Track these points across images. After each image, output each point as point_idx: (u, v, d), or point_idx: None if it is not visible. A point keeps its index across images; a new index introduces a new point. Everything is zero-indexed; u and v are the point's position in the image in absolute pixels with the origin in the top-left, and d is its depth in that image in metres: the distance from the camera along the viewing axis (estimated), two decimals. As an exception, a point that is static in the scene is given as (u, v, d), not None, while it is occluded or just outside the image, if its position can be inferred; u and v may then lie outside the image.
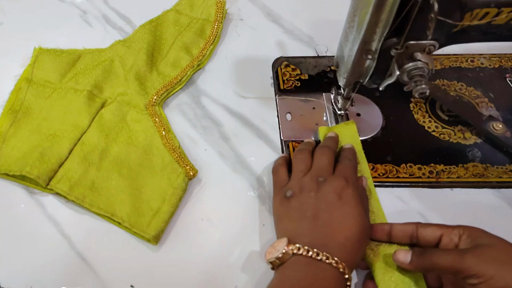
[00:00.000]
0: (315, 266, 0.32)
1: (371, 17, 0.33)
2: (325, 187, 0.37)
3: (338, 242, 0.34)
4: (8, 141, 0.46)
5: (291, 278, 0.33)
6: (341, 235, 0.34)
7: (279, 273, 0.34)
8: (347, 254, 0.33)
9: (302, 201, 0.37)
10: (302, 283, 0.32)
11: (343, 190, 0.37)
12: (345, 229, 0.35)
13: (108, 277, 0.39)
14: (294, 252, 0.33)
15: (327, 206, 0.36)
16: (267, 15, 0.60)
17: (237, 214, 0.42)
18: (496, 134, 0.45)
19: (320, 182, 0.38)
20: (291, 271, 0.33)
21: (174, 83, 0.51)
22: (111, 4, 0.62)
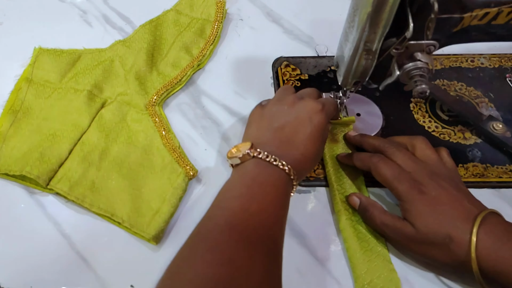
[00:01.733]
0: (271, 168, 0.35)
1: (371, 17, 0.33)
2: (300, 104, 0.40)
3: (295, 157, 0.37)
4: (8, 141, 0.46)
5: (249, 173, 0.35)
6: (299, 152, 0.37)
7: (238, 170, 0.37)
8: (299, 166, 0.37)
9: (274, 112, 0.40)
10: (257, 179, 0.35)
11: (315, 113, 0.39)
12: (304, 147, 0.37)
13: (108, 277, 0.39)
14: (254, 155, 0.36)
15: (295, 123, 0.38)
16: (267, 15, 0.60)
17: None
18: (496, 134, 0.45)
19: (298, 99, 0.40)
20: (249, 168, 0.36)
21: (174, 83, 0.51)
22: (111, 4, 0.62)
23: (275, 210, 0.34)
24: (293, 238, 0.41)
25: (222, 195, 0.35)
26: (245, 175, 0.36)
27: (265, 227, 0.32)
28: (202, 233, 0.32)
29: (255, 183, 0.35)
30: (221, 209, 0.34)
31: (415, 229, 0.36)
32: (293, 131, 0.38)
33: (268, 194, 0.34)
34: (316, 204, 0.43)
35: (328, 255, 0.40)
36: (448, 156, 0.41)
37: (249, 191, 0.34)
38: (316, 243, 0.40)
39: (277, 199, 0.34)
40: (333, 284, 0.38)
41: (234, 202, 0.33)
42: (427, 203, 0.36)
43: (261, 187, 0.34)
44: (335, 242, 0.41)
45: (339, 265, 0.39)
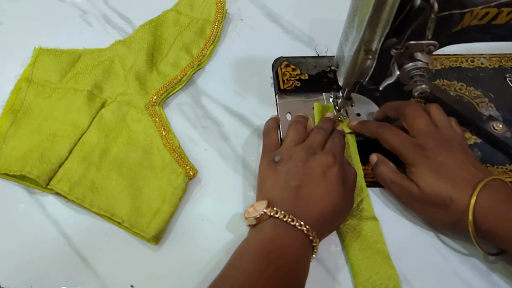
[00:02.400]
0: (289, 229, 0.35)
1: (371, 17, 0.33)
2: (314, 160, 0.39)
3: (313, 215, 0.36)
4: (8, 141, 0.45)
5: (267, 234, 0.35)
6: (317, 210, 0.37)
7: (255, 230, 0.36)
8: (319, 226, 0.36)
9: (289, 169, 0.39)
10: (275, 240, 0.34)
11: (329, 167, 0.39)
12: (322, 205, 0.37)
13: (108, 277, 0.39)
14: (271, 215, 0.35)
15: (311, 180, 0.38)
16: (267, 15, 0.60)
17: (237, 214, 0.42)
18: (496, 134, 0.45)
19: (310, 154, 0.40)
20: (267, 228, 0.35)
21: (174, 83, 0.51)
22: (111, 4, 0.62)
23: (293, 274, 0.33)
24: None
25: (238, 255, 0.34)
26: (262, 236, 0.35)
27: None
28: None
29: (272, 245, 0.34)
30: (236, 270, 0.33)
31: (420, 190, 0.38)
32: (310, 189, 0.37)
33: (286, 256, 0.33)
34: (316, 204, 0.43)
35: (328, 255, 0.40)
36: (457, 124, 0.44)
37: (266, 253, 0.33)
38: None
39: (296, 262, 0.34)
40: (333, 284, 0.38)
41: (250, 265, 0.33)
42: (431, 167, 0.38)
43: (279, 250, 0.33)
44: (335, 242, 0.41)
45: (339, 265, 0.39)
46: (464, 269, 0.39)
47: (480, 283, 0.38)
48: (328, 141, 0.42)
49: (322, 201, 0.37)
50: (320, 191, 0.37)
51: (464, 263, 0.39)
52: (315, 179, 0.38)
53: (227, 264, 0.34)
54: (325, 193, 0.37)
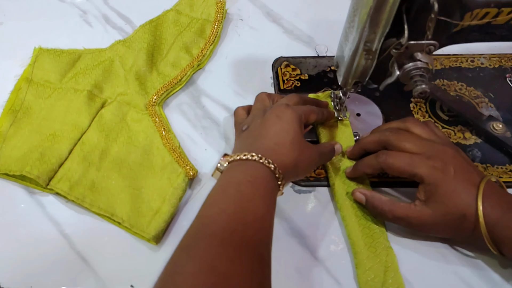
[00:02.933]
0: (243, 164, 0.35)
1: (371, 17, 0.33)
2: (268, 111, 0.40)
3: (268, 146, 0.37)
4: (8, 141, 0.46)
5: (224, 177, 0.35)
6: (272, 142, 0.37)
7: (220, 177, 0.36)
8: (275, 155, 0.36)
9: (250, 130, 0.40)
10: (232, 180, 0.34)
11: (283, 111, 0.39)
12: (277, 138, 0.37)
13: (108, 277, 0.39)
14: (229, 160, 0.36)
15: (266, 125, 0.39)
16: (267, 15, 0.60)
17: (237, 214, 0.42)
18: (496, 134, 0.45)
19: (266, 110, 0.41)
20: (224, 172, 0.36)
21: (174, 83, 0.51)
22: (111, 4, 0.62)
23: (256, 208, 0.33)
24: (293, 238, 0.41)
25: (203, 205, 0.34)
26: (220, 181, 0.35)
27: (246, 227, 0.31)
28: (182, 245, 0.31)
29: (230, 185, 0.34)
30: (199, 217, 0.33)
31: (432, 212, 0.36)
32: (265, 131, 0.38)
33: (244, 192, 0.33)
34: (316, 204, 0.43)
35: (328, 255, 0.40)
36: (437, 128, 0.42)
37: (224, 194, 0.33)
38: (316, 243, 0.40)
39: (257, 196, 0.33)
40: (333, 284, 0.38)
41: (211, 209, 0.33)
42: (448, 184, 0.36)
43: (237, 187, 0.33)
44: (335, 242, 0.41)
45: (339, 265, 0.39)
46: (464, 269, 0.39)
47: (480, 283, 0.38)
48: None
49: (276, 135, 0.37)
50: (275, 129, 0.38)
51: (464, 263, 0.39)
52: (269, 122, 0.39)
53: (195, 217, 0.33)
54: (279, 129, 0.38)
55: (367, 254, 0.38)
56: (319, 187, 0.44)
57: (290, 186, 0.44)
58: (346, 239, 0.41)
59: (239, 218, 0.31)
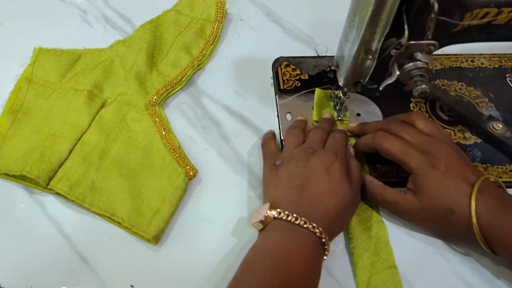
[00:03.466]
0: (295, 230, 0.34)
1: (371, 17, 0.33)
2: (314, 159, 0.39)
3: (320, 212, 0.36)
4: (8, 141, 0.45)
5: (273, 240, 0.34)
6: (323, 207, 0.36)
7: (262, 236, 0.36)
8: (327, 223, 0.35)
9: (291, 170, 0.39)
10: (282, 247, 0.33)
11: (331, 164, 0.38)
12: (328, 201, 0.36)
13: (108, 277, 0.39)
14: (275, 216, 0.35)
15: (314, 178, 0.37)
16: (267, 15, 0.60)
17: (237, 214, 0.42)
18: (496, 134, 0.45)
19: (310, 154, 0.39)
20: (273, 233, 0.35)
21: (174, 83, 0.51)
22: (111, 4, 0.62)
23: (303, 278, 0.32)
24: (293, 238, 0.41)
25: (244, 267, 0.33)
26: (267, 243, 0.34)
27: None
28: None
29: (279, 252, 0.33)
30: (240, 281, 0.32)
31: (419, 203, 0.37)
32: (314, 187, 0.37)
33: (293, 262, 0.32)
34: (316, 204, 0.43)
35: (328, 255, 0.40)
36: (441, 127, 0.42)
37: (272, 262, 0.32)
38: (316, 243, 0.40)
39: (304, 265, 0.33)
40: (334, 284, 0.38)
41: (256, 277, 0.32)
42: (437, 178, 0.37)
43: (286, 257, 0.33)
44: (335, 242, 0.41)
45: (339, 265, 0.39)
46: (464, 269, 0.39)
47: (480, 283, 0.38)
48: (329, 139, 0.42)
49: (327, 197, 0.36)
50: (324, 188, 0.37)
51: (464, 263, 0.39)
52: (318, 176, 0.37)
53: (234, 277, 0.33)
54: (329, 189, 0.37)
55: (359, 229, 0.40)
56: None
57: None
58: (346, 239, 0.40)
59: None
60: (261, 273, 0.32)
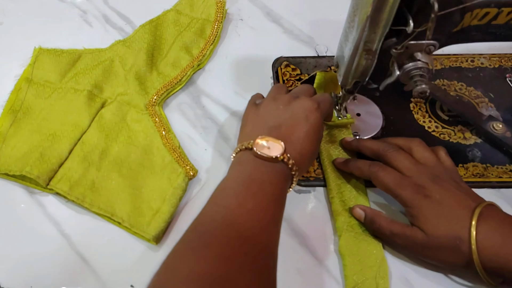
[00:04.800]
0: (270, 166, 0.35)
1: (371, 17, 0.33)
2: (296, 102, 0.39)
3: (296, 150, 0.36)
4: (8, 141, 0.46)
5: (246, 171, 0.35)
6: (296, 150, 0.36)
7: (234, 168, 0.37)
8: (297, 164, 0.36)
9: (269, 111, 0.39)
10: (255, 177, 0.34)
11: (311, 112, 0.38)
12: (301, 146, 0.37)
13: (108, 277, 0.39)
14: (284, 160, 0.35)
15: (291, 122, 0.38)
16: (267, 15, 0.60)
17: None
18: (496, 134, 0.45)
19: (293, 98, 0.40)
20: (246, 166, 0.36)
21: (174, 83, 0.51)
22: (111, 4, 0.62)
23: (272, 208, 0.34)
24: (293, 238, 0.41)
25: (219, 192, 0.35)
26: (241, 174, 0.36)
27: (261, 225, 0.32)
28: (198, 229, 0.32)
29: (252, 181, 0.34)
30: (218, 205, 0.33)
31: (426, 235, 0.36)
32: (290, 130, 0.38)
33: (266, 191, 0.34)
34: (316, 204, 0.43)
35: (328, 255, 0.40)
36: (446, 155, 0.41)
37: (246, 189, 0.34)
38: (316, 243, 0.40)
39: (275, 197, 0.34)
40: (333, 284, 0.38)
41: (231, 199, 0.33)
42: (432, 207, 0.36)
43: (259, 185, 0.34)
44: (335, 242, 0.41)
45: (339, 265, 0.39)
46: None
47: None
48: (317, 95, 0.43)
49: (302, 142, 0.37)
50: (301, 133, 0.37)
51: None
52: (296, 120, 0.38)
53: (208, 201, 0.34)
54: (305, 135, 0.37)
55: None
56: (319, 187, 0.44)
57: (290, 186, 0.44)
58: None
59: (258, 216, 0.32)
60: (235, 197, 0.33)
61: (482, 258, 0.33)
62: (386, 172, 0.39)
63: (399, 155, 0.40)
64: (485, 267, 0.34)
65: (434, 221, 0.36)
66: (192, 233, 0.32)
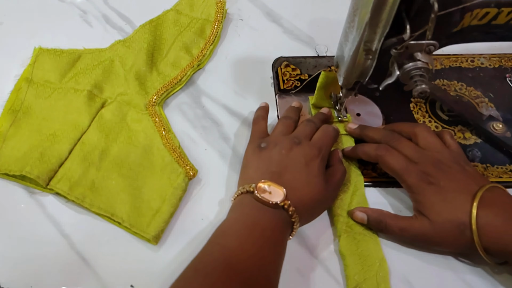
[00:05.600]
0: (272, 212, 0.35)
1: (371, 17, 0.33)
2: (297, 149, 0.40)
3: (293, 200, 0.36)
4: (8, 141, 0.45)
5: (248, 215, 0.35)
6: (297, 197, 0.36)
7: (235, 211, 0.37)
8: (298, 212, 0.36)
9: (272, 156, 0.40)
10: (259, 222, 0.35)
11: (312, 158, 0.39)
12: (302, 193, 0.37)
13: (108, 277, 0.39)
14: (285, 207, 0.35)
15: (293, 168, 0.38)
16: (267, 15, 0.60)
17: (237, 214, 0.42)
18: (496, 134, 0.45)
19: (295, 143, 0.40)
20: (248, 210, 0.36)
21: (174, 83, 0.51)
22: (111, 4, 0.62)
23: (273, 254, 0.34)
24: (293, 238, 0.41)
25: (221, 233, 0.35)
26: (244, 216, 0.36)
27: (262, 270, 0.32)
28: (199, 268, 0.32)
29: (255, 225, 0.35)
30: (220, 246, 0.33)
31: (431, 222, 0.36)
32: (291, 177, 0.38)
33: (267, 237, 0.34)
34: (316, 204, 0.43)
35: (328, 255, 0.40)
36: (452, 138, 0.42)
37: (249, 233, 0.34)
38: (316, 243, 0.40)
39: (276, 244, 0.35)
40: (333, 284, 0.38)
41: (234, 242, 0.33)
42: (437, 193, 0.37)
43: (261, 231, 0.34)
44: (335, 242, 0.41)
45: (339, 265, 0.39)
46: (464, 269, 0.39)
47: (480, 283, 0.38)
48: (318, 131, 0.43)
49: (302, 189, 0.37)
50: (301, 180, 0.38)
51: (464, 263, 0.39)
52: (297, 167, 0.38)
53: (209, 241, 0.34)
54: (305, 182, 0.38)
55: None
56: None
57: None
58: None
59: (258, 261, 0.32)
60: (236, 239, 0.33)
61: (484, 243, 0.34)
62: (393, 156, 0.40)
63: (404, 141, 0.40)
64: (488, 250, 0.35)
65: (438, 207, 0.36)
66: (193, 271, 0.32)
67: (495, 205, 0.35)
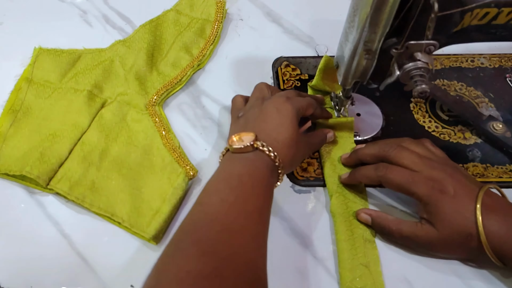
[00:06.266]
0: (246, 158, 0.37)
1: (371, 17, 0.33)
2: (267, 102, 0.41)
3: (271, 144, 0.37)
4: (8, 141, 0.45)
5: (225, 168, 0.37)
6: (273, 139, 0.38)
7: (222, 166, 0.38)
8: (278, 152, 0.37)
9: (248, 117, 0.42)
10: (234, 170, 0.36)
11: (282, 104, 0.40)
12: (277, 133, 0.38)
13: (108, 277, 0.39)
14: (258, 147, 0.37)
15: (265, 116, 0.40)
16: (267, 15, 0.60)
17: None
18: (496, 134, 0.45)
19: (265, 99, 0.42)
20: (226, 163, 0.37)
21: (174, 83, 0.51)
22: (111, 4, 0.62)
23: (254, 199, 0.34)
24: (293, 238, 0.41)
25: (202, 192, 0.36)
26: (222, 171, 0.37)
27: (246, 215, 0.33)
28: (185, 229, 0.33)
29: (231, 176, 0.35)
30: (201, 204, 0.34)
31: (438, 232, 0.36)
32: (262, 122, 0.39)
33: (246, 184, 0.35)
34: (316, 204, 0.43)
35: (328, 255, 0.40)
36: (432, 145, 0.41)
37: (226, 184, 0.35)
38: (316, 243, 0.40)
39: (256, 188, 0.35)
40: (333, 284, 0.38)
41: (213, 197, 0.34)
42: (450, 203, 0.35)
43: (238, 178, 0.35)
44: (335, 242, 0.41)
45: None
46: (464, 269, 0.39)
47: (480, 283, 0.38)
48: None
49: (276, 130, 0.38)
50: (274, 123, 0.39)
51: (464, 263, 0.39)
52: (268, 114, 0.40)
53: (194, 203, 0.35)
54: (279, 124, 0.39)
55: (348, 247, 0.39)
56: (319, 187, 0.44)
57: (290, 186, 0.44)
58: None
59: (240, 208, 0.33)
60: (217, 195, 0.34)
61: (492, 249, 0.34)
62: (395, 172, 0.38)
63: (403, 151, 0.39)
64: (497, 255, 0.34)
65: (450, 218, 0.35)
66: (179, 233, 0.33)
67: (497, 212, 0.35)
